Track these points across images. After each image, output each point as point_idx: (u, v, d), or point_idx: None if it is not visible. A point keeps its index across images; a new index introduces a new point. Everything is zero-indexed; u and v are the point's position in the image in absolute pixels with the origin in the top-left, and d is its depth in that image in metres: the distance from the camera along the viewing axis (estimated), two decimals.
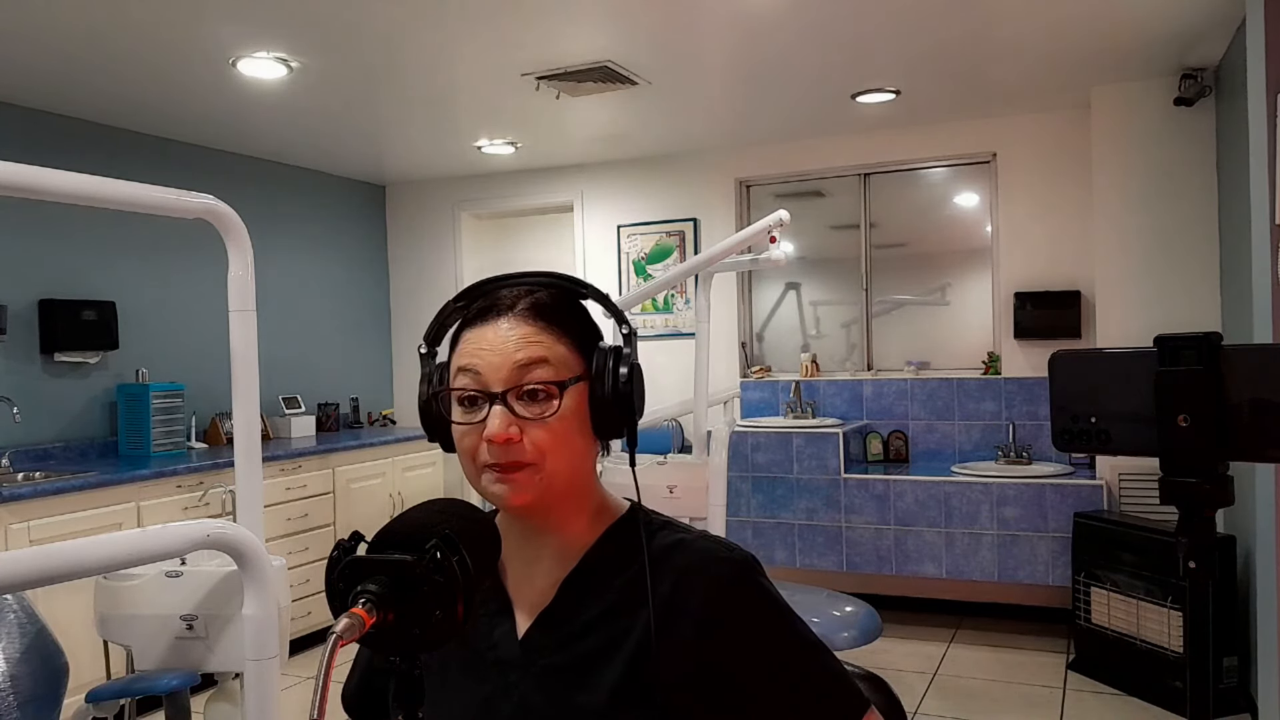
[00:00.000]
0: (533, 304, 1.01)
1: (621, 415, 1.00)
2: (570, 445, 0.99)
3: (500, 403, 0.96)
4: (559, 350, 0.99)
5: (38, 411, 4.20)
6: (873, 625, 3.52)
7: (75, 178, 1.68)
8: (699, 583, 0.99)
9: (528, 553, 1.05)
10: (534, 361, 0.97)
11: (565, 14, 3.31)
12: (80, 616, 3.51)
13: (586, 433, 1.01)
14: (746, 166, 5.53)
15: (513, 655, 1.02)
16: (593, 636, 1.00)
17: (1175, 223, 4.34)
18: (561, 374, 0.98)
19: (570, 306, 1.04)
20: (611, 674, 0.98)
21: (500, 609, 1.05)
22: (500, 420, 0.95)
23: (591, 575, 1.03)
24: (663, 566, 1.01)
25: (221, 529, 1.60)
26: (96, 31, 3.34)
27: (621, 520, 1.06)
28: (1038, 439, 4.81)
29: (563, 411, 0.97)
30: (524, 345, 0.98)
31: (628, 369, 1.00)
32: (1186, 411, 1.43)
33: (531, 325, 0.99)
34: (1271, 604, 2.89)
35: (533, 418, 0.96)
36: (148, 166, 4.73)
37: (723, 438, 3.59)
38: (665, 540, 1.03)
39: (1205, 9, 3.46)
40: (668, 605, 0.99)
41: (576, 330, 1.02)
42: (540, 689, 1.00)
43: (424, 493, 5.51)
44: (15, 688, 1.82)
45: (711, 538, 1.05)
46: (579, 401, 0.99)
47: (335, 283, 5.96)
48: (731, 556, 1.01)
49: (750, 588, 1.00)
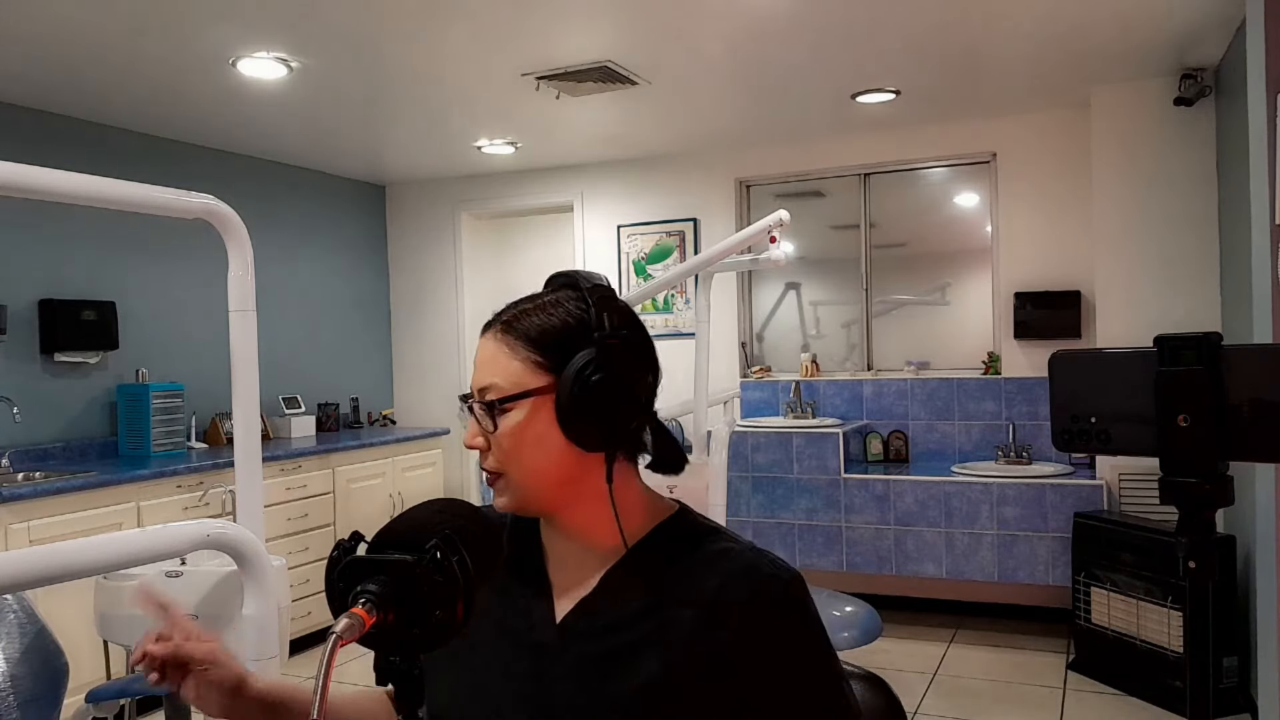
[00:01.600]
0: (506, 321, 1.06)
1: (587, 422, 1.01)
2: (529, 455, 1.02)
3: (472, 414, 1.05)
4: (513, 366, 1.03)
5: (38, 411, 4.20)
6: (873, 625, 3.53)
7: (75, 178, 1.68)
8: (743, 594, 1.00)
9: (563, 546, 1.08)
10: (486, 384, 1.04)
11: (565, 14, 3.31)
12: (80, 616, 3.51)
13: (554, 441, 1.02)
14: (746, 166, 5.53)
15: (549, 639, 1.04)
16: (630, 630, 1.01)
17: (1175, 223, 4.34)
18: (506, 391, 1.02)
19: (557, 318, 1.04)
20: (644, 669, 0.99)
21: (539, 592, 1.07)
22: (468, 429, 1.06)
23: (635, 571, 1.05)
24: (708, 571, 1.02)
25: (221, 529, 1.59)
26: (96, 32, 3.34)
27: (670, 520, 1.08)
28: (1038, 439, 4.81)
29: (515, 424, 1.02)
30: (483, 365, 1.05)
31: (595, 379, 1.00)
32: (1186, 411, 1.43)
33: (494, 344, 1.05)
34: (1271, 604, 2.89)
35: (488, 430, 1.04)
36: (148, 166, 4.73)
37: (723, 438, 3.59)
38: (714, 546, 1.05)
39: (1205, 9, 3.46)
40: (709, 610, 1.00)
41: (548, 344, 1.03)
42: (572, 675, 1.02)
43: (424, 493, 5.51)
44: (15, 688, 1.82)
45: (760, 551, 1.05)
46: (539, 412, 1.02)
47: (335, 283, 5.96)
48: (778, 574, 1.02)
49: (792, 610, 1.01)
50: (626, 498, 1.06)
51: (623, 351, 1.03)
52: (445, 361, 6.23)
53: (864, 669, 1.29)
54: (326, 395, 5.78)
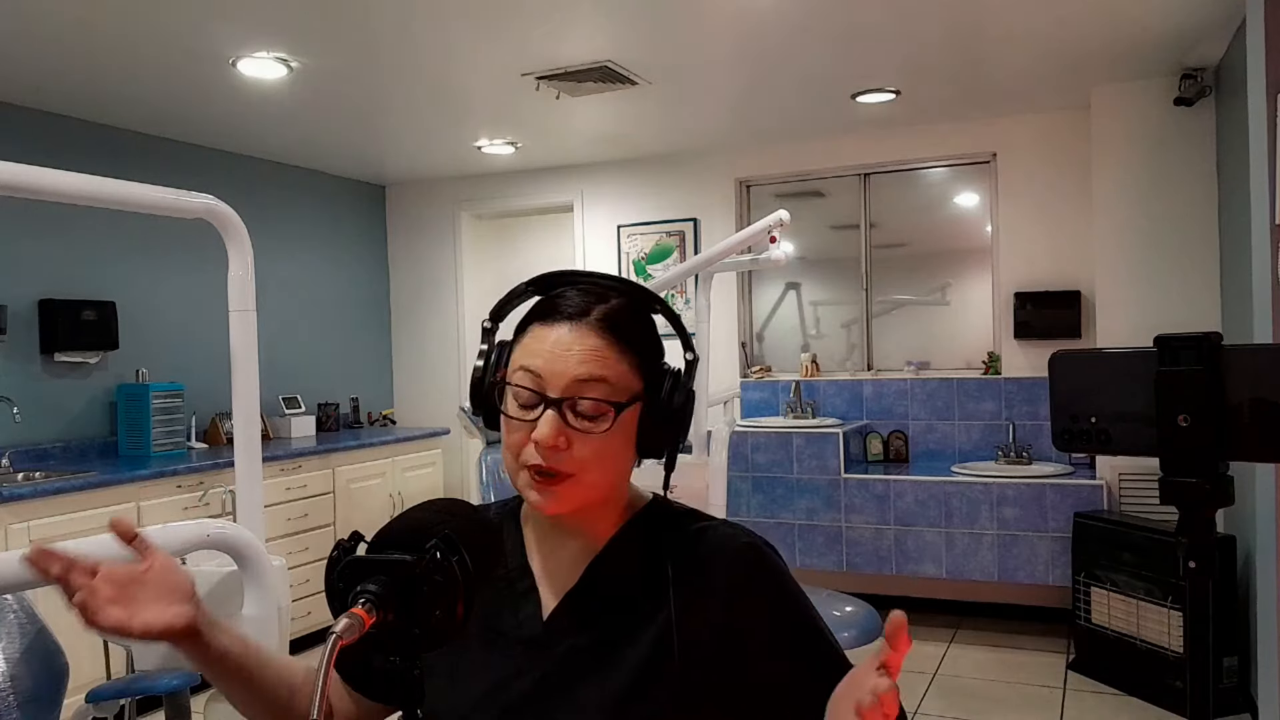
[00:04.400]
0: (604, 315, 1.00)
1: (669, 439, 1.03)
2: (613, 461, 1.00)
3: (554, 409, 0.97)
4: (620, 369, 0.99)
5: (38, 411, 4.20)
6: (873, 625, 3.52)
7: (75, 178, 1.68)
8: (722, 564, 1.02)
9: (554, 540, 1.08)
10: (594, 378, 0.97)
11: (565, 14, 3.31)
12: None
13: (631, 448, 1.02)
14: (746, 166, 5.53)
15: (537, 634, 1.04)
16: (616, 619, 1.02)
17: (1175, 223, 4.33)
18: (619, 394, 0.98)
19: (639, 320, 1.04)
20: (634, 656, 1.00)
21: (527, 589, 1.07)
22: (551, 427, 0.96)
23: (616, 561, 1.05)
24: (688, 551, 1.04)
25: (221, 529, 1.60)
26: (96, 31, 3.34)
27: (646, 510, 1.09)
28: (1038, 439, 4.81)
29: (613, 428, 0.98)
30: (588, 359, 0.97)
31: (684, 396, 1.02)
32: (1186, 411, 1.43)
33: (599, 339, 0.98)
34: (1271, 604, 2.89)
35: (583, 431, 0.97)
36: (148, 166, 4.72)
37: (723, 438, 3.59)
38: (689, 528, 1.06)
39: (1205, 9, 3.46)
40: (694, 590, 1.01)
41: (641, 347, 1.02)
42: (563, 668, 1.02)
43: (424, 493, 5.51)
44: (15, 688, 1.81)
45: (731, 524, 1.08)
46: (631, 420, 1.00)
47: (335, 283, 5.96)
48: (753, 540, 1.05)
49: (770, 568, 1.04)
50: (625, 493, 1.09)
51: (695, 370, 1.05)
52: (445, 361, 6.22)
53: None
54: (326, 395, 5.78)
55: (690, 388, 1.04)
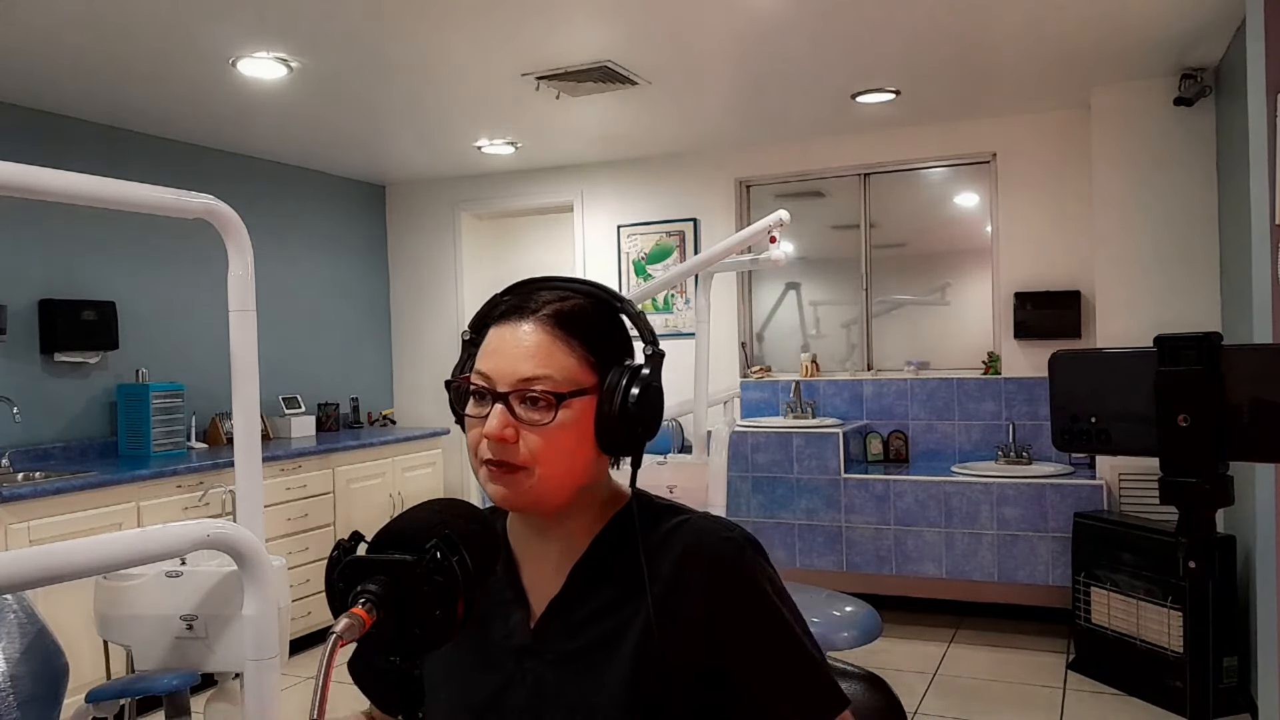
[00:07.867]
0: (555, 312, 1.02)
1: (626, 434, 1.01)
2: (565, 455, 1.00)
3: (501, 403, 0.99)
4: (567, 362, 1.00)
5: (38, 411, 4.20)
6: (873, 625, 3.52)
7: (75, 178, 1.68)
8: (702, 562, 1.02)
9: (538, 546, 1.08)
10: (539, 371, 0.99)
11: (565, 14, 3.31)
12: (80, 616, 3.50)
13: (588, 443, 1.02)
14: (746, 166, 5.53)
15: (526, 643, 1.04)
16: (602, 622, 1.02)
17: (1175, 223, 4.33)
18: (562, 386, 0.99)
19: (600, 318, 1.05)
20: (622, 658, 1.00)
21: (515, 599, 1.07)
22: (498, 419, 0.99)
23: (598, 563, 1.05)
24: (666, 548, 1.03)
25: (221, 529, 1.60)
26: (96, 31, 3.34)
27: (626, 508, 1.08)
28: (1038, 439, 4.81)
29: (561, 422, 0.99)
30: (534, 353, 1.00)
31: (640, 389, 1.01)
32: (1186, 411, 1.43)
33: (545, 334, 1.01)
34: (1271, 604, 2.89)
35: (529, 423, 0.99)
36: (148, 166, 4.72)
37: (723, 438, 3.59)
38: (668, 523, 1.06)
39: (1205, 9, 3.46)
40: (672, 585, 1.01)
41: (598, 343, 1.02)
42: (554, 675, 1.02)
43: (424, 493, 5.51)
44: (15, 688, 1.82)
45: (712, 518, 1.07)
46: (583, 414, 1.00)
47: (335, 283, 5.96)
48: (733, 536, 1.04)
49: (750, 568, 1.03)
50: (604, 491, 1.09)
51: (660, 365, 1.04)
52: (445, 361, 6.22)
53: (864, 669, 1.29)
54: (326, 395, 5.78)
55: (653, 383, 1.02)
